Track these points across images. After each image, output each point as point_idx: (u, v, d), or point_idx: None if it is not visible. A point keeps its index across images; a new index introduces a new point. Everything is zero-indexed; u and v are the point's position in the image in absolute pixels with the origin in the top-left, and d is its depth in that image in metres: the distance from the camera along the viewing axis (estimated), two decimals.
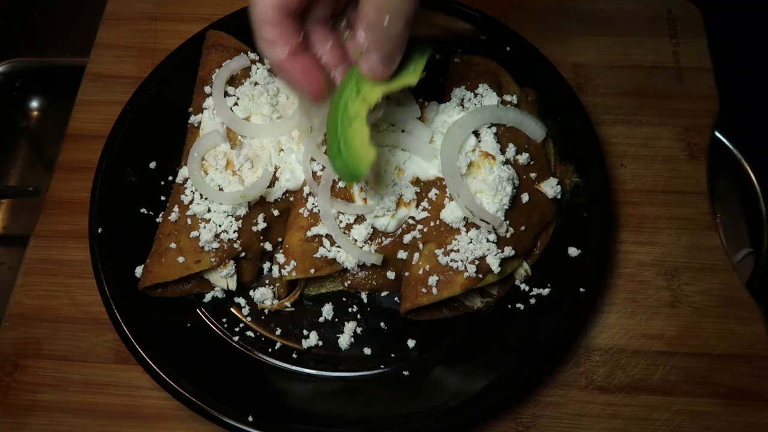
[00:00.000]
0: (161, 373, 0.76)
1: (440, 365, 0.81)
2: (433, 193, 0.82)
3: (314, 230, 0.82)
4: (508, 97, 0.89)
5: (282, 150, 0.87)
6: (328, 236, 0.82)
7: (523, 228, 0.81)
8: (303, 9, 0.67)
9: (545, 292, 0.83)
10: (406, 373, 0.80)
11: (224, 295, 0.86)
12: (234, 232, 0.82)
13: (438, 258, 0.79)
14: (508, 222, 0.80)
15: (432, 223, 0.81)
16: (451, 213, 0.79)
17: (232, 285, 0.84)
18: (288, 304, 0.85)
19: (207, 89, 0.91)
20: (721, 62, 1.08)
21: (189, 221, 0.82)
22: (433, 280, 0.78)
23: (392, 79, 0.70)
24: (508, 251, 0.79)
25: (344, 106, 0.69)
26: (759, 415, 0.82)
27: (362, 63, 0.68)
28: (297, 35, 0.67)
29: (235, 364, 0.81)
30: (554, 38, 1.08)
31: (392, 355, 0.82)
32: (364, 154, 0.69)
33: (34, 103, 1.28)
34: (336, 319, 0.85)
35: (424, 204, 0.82)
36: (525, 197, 0.82)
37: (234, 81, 0.91)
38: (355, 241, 0.81)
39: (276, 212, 0.85)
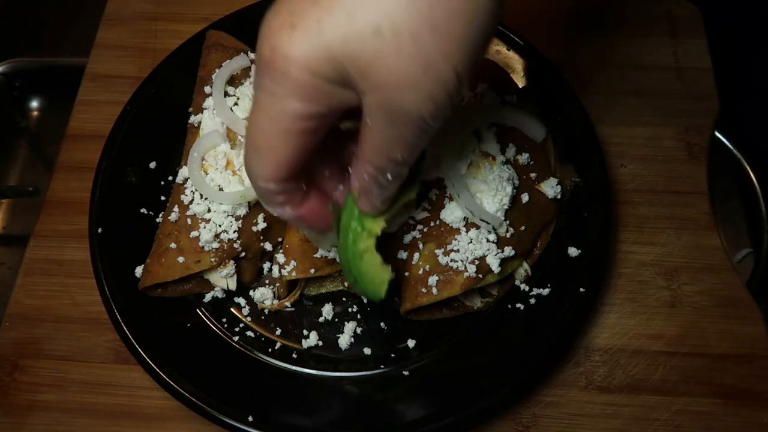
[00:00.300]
0: (161, 373, 0.76)
1: (440, 365, 0.81)
2: (433, 193, 0.82)
3: None
4: (508, 97, 0.89)
5: None
6: None
7: (523, 228, 0.81)
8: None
9: (545, 292, 0.83)
10: (406, 373, 0.80)
11: (224, 295, 0.86)
12: (234, 232, 0.82)
13: (438, 258, 0.79)
14: (508, 222, 0.80)
15: (432, 223, 0.81)
16: (451, 213, 0.79)
17: (232, 285, 0.84)
18: (288, 304, 0.85)
19: (207, 89, 0.91)
20: (721, 62, 1.08)
21: (189, 221, 0.82)
22: (433, 280, 0.78)
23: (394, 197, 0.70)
24: (508, 251, 0.79)
25: (352, 243, 0.70)
26: (759, 415, 0.82)
27: (361, 204, 0.65)
28: (302, 188, 0.63)
29: (235, 364, 0.81)
30: (554, 38, 1.08)
31: (392, 355, 0.82)
32: (380, 278, 0.72)
33: (34, 103, 1.28)
34: (336, 319, 0.85)
35: (424, 204, 0.82)
36: (525, 197, 0.82)
37: (234, 81, 0.91)
38: None
39: None
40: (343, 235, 0.71)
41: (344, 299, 0.86)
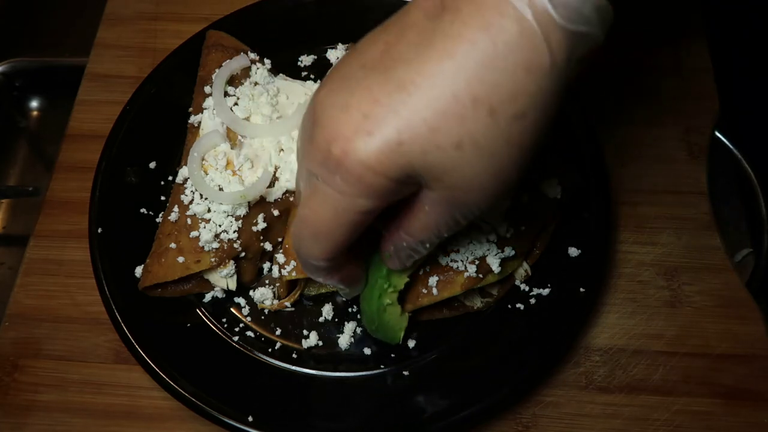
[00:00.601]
0: (161, 373, 0.76)
1: (440, 365, 0.81)
2: None
3: None
4: None
5: (282, 150, 0.87)
6: None
7: (523, 228, 0.81)
8: None
9: (545, 292, 0.83)
10: (406, 373, 0.80)
11: (224, 295, 0.86)
12: (234, 232, 0.82)
13: (438, 258, 0.79)
14: (508, 222, 0.80)
15: None
16: None
17: (232, 285, 0.84)
18: (288, 304, 0.85)
19: (207, 89, 0.91)
20: (721, 62, 1.08)
21: (189, 221, 0.82)
22: (433, 280, 0.78)
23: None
24: (508, 251, 0.79)
25: (378, 298, 0.76)
26: (759, 415, 0.82)
27: (391, 263, 0.69)
28: (346, 259, 0.65)
29: (235, 364, 0.81)
30: None
31: (392, 355, 0.82)
32: (398, 325, 0.78)
33: (34, 103, 1.28)
34: (336, 319, 0.85)
35: None
36: (525, 197, 0.82)
37: (234, 81, 0.91)
38: None
39: (276, 212, 0.85)
40: (369, 290, 0.76)
41: (344, 299, 0.86)
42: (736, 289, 0.89)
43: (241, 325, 0.85)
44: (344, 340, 0.83)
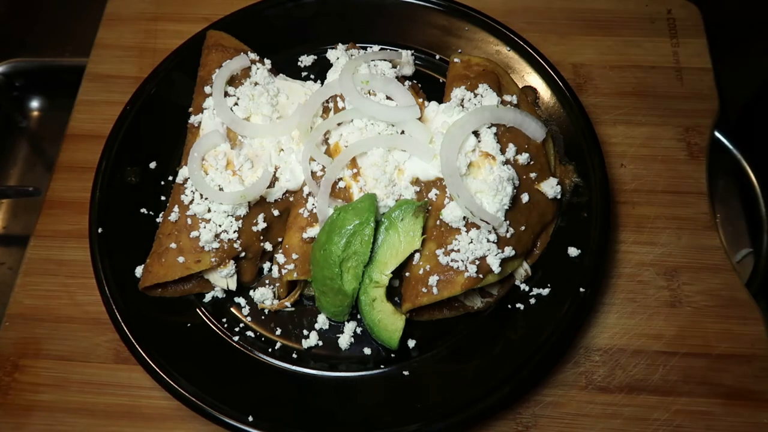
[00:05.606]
0: (161, 373, 0.77)
1: (440, 365, 0.81)
2: (433, 193, 0.82)
3: (314, 231, 0.82)
4: (508, 97, 0.89)
5: (282, 150, 0.87)
6: None
7: (523, 228, 0.81)
8: None
9: (545, 292, 0.83)
10: (406, 373, 0.80)
11: (224, 295, 0.86)
12: (234, 232, 0.82)
13: (438, 258, 0.79)
14: (508, 222, 0.80)
15: (432, 223, 0.81)
16: (451, 213, 0.79)
17: (232, 285, 0.84)
18: (288, 304, 0.85)
19: (207, 89, 0.91)
20: (721, 62, 1.08)
21: (189, 221, 0.82)
22: (433, 280, 0.78)
23: (397, 252, 0.79)
24: (509, 251, 0.79)
25: (363, 293, 0.79)
26: (759, 415, 0.82)
27: None
28: None
29: (235, 364, 0.81)
30: (554, 38, 1.08)
31: (392, 355, 0.82)
32: (393, 326, 0.80)
33: (34, 103, 1.28)
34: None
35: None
36: (525, 197, 0.82)
37: (234, 81, 0.91)
38: None
39: (276, 212, 0.85)
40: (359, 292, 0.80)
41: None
42: (736, 289, 0.89)
43: (241, 325, 0.85)
44: (344, 340, 0.83)
